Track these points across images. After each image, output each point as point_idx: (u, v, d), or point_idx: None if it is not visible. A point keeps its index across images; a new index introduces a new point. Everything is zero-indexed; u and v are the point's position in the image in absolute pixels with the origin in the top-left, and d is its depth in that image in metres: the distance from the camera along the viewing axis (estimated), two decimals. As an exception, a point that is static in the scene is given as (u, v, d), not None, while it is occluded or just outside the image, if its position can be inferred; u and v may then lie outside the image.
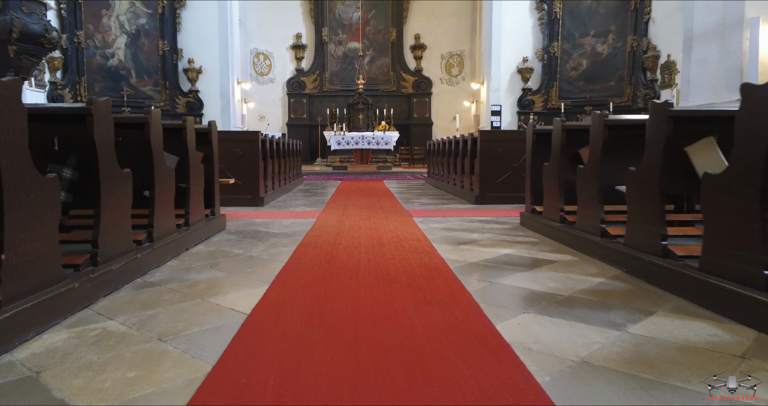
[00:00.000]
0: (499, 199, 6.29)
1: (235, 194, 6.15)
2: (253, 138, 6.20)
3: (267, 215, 5.31)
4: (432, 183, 9.86)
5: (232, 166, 6.16)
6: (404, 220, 4.85)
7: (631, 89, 13.64)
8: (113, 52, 13.39)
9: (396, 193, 8.08)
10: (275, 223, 4.75)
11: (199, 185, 3.82)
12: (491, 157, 6.30)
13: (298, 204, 6.48)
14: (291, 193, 8.07)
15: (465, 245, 3.59)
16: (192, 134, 3.68)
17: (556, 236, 3.69)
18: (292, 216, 5.26)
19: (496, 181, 6.32)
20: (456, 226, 4.51)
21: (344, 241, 3.72)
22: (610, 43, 14.02)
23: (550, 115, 14.34)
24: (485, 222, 4.74)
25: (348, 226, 4.47)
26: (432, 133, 21.02)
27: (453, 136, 8.11)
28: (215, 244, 3.65)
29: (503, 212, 5.53)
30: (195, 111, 14.45)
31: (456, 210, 5.75)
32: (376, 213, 5.39)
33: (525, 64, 15.04)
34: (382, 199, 6.93)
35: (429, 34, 21.30)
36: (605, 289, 2.45)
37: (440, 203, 6.58)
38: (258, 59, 20.62)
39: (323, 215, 5.29)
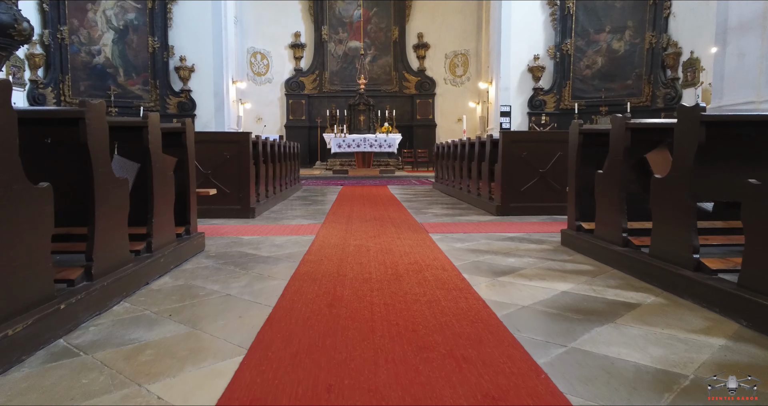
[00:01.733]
0: (523, 210, 5.51)
1: (221, 204, 5.37)
2: (242, 139, 5.42)
3: (257, 230, 4.52)
4: (441, 189, 9.08)
5: (219, 171, 5.38)
6: (420, 237, 4.06)
7: (649, 88, 12.87)
8: (99, 49, 12.61)
9: (403, 201, 7.29)
10: (266, 241, 3.96)
11: (166, 198, 3.03)
12: (515, 162, 5.52)
13: (294, 215, 5.70)
14: (287, 202, 7.28)
15: (504, 275, 2.81)
16: (157, 134, 2.90)
17: (620, 264, 2.90)
18: (286, 231, 4.47)
19: (521, 189, 5.54)
20: (484, 246, 3.72)
21: (350, 270, 2.93)
22: (627, 40, 13.25)
23: (562, 116, 13.60)
24: (517, 240, 3.95)
25: (354, 246, 3.69)
26: (436, 135, 20.27)
27: (467, 138, 7.34)
28: (186, 274, 2.86)
29: (533, 226, 4.75)
30: (187, 112, 13.67)
31: (476, 223, 4.96)
32: (385, 228, 4.60)
33: (536, 63, 14.27)
34: (389, 209, 6.15)
35: (432, 33, 20.57)
36: (739, 361, 1.67)
37: (456, 213, 5.80)
38: (255, 58, 19.87)
39: (323, 230, 4.50)
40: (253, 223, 5.04)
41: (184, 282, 2.68)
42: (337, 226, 4.73)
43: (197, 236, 3.49)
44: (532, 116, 14.31)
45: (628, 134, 2.97)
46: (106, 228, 2.29)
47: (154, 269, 2.72)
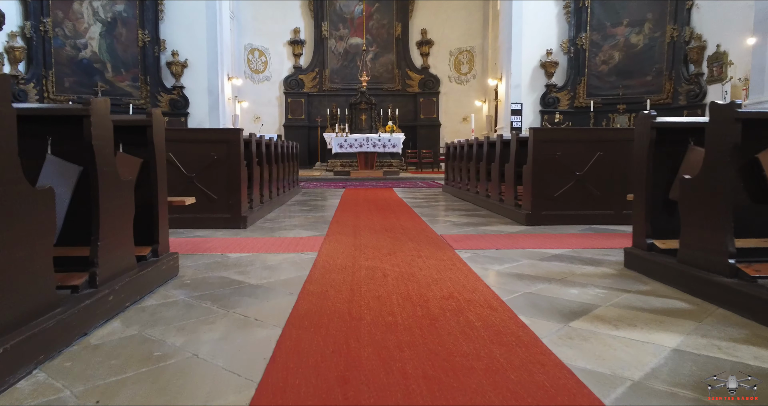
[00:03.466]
0: (558, 219, 4.77)
1: (207, 212, 4.62)
2: (232, 138, 4.67)
3: (248, 245, 3.77)
4: (453, 193, 8.34)
5: (205, 175, 4.64)
6: (445, 256, 3.32)
7: (670, 85, 12.12)
8: (86, 43, 11.84)
9: (414, 206, 6.55)
10: (257, 261, 3.21)
11: (121, 211, 2.29)
12: (547, 164, 4.78)
13: (292, 225, 4.95)
14: (285, 208, 6.53)
15: (576, 318, 2.07)
16: (104, 127, 2.15)
17: (729, 302, 2.16)
18: (283, 247, 3.73)
19: (554, 195, 4.79)
20: (529, 268, 2.98)
21: (366, 308, 2.19)
22: (646, 34, 12.50)
23: (577, 115, 12.86)
24: (567, 260, 3.21)
25: (366, 269, 2.94)
26: (440, 135, 19.55)
27: (485, 137, 6.59)
28: (145, 316, 2.12)
29: (576, 240, 4.00)
30: (180, 109, 12.92)
31: (507, 236, 4.22)
32: (400, 241, 3.86)
33: (549, 58, 13.51)
34: (400, 217, 5.40)
35: (436, 29, 19.86)
36: None
37: (478, 222, 5.06)
38: (252, 55, 19.15)
39: (327, 244, 3.76)
40: (244, 235, 4.29)
41: (137, 331, 1.93)
42: (342, 239, 3.98)
43: (168, 257, 2.74)
44: (544, 115, 13.55)
45: (737, 127, 2.22)
46: (17, 261, 1.54)
47: (97, 311, 1.97)
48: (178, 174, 4.60)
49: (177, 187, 4.59)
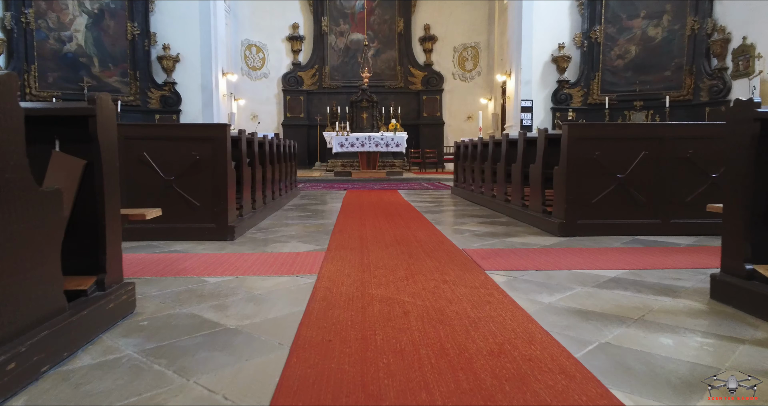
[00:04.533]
0: (596, 228, 4.11)
1: (189, 222, 3.96)
2: (218, 135, 4.00)
3: (232, 265, 3.11)
4: (464, 196, 7.68)
5: (186, 178, 3.97)
6: (477, 281, 2.66)
7: (691, 80, 11.44)
8: (71, 36, 11.15)
9: (425, 212, 5.89)
10: (241, 288, 2.55)
11: (39, 233, 1.62)
12: (583, 165, 4.12)
13: (288, 235, 4.29)
14: (281, 213, 5.87)
15: (701, 399, 1.40)
16: (7, 111, 1.48)
17: None
18: (275, 266, 3.06)
19: (591, 201, 4.13)
20: (589, 301, 2.32)
21: (385, 377, 1.53)
22: (664, 26, 11.82)
23: (591, 112, 12.19)
24: (632, 288, 2.54)
25: (380, 302, 2.28)
26: (444, 134, 18.89)
27: (504, 134, 5.93)
28: (63, 392, 1.45)
29: (626, 256, 3.34)
30: (171, 106, 12.23)
31: (542, 251, 3.56)
32: (417, 259, 3.19)
33: (561, 52, 12.81)
34: (411, 224, 4.74)
35: (440, 25, 19.19)
36: None
37: (501, 232, 4.40)
38: (250, 52, 18.48)
39: (329, 263, 3.09)
40: (231, 249, 3.62)
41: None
42: (347, 255, 3.32)
43: (119, 291, 2.07)
44: (556, 112, 12.86)
45: None
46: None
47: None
48: (154, 177, 3.95)
49: (153, 194, 3.94)
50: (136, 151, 3.94)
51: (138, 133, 4.00)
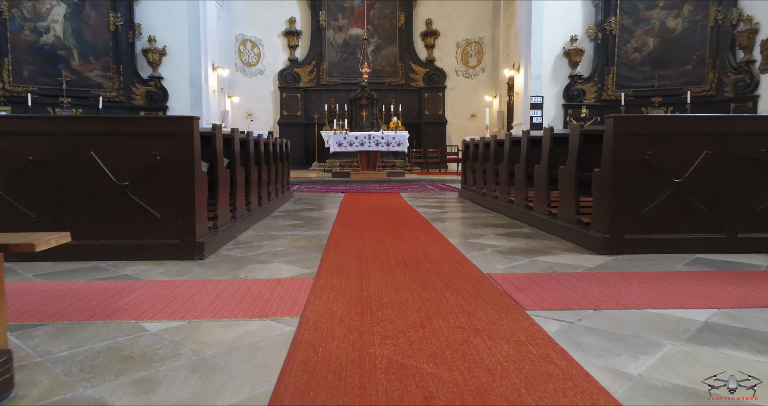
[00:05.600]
0: (647, 245, 3.36)
1: (148, 237, 3.22)
2: (182, 130, 3.24)
3: (188, 301, 2.35)
4: (474, 200, 6.92)
5: (144, 183, 3.22)
6: (521, 332, 1.91)
7: (714, 74, 10.67)
8: (48, 26, 10.37)
9: (432, 219, 5.14)
10: (186, 347, 1.80)
11: None
12: (631, 168, 3.37)
13: (271, 253, 3.53)
14: (268, 222, 5.11)
15: None
16: None
17: None
18: (243, 304, 2.30)
19: (641, 211, 3.38)
20: (697, 371, 1.57)
21: None
22: (685, 17, 11.05)
23: (606, 109, 11.41)
24: (746, 343, 1.79)
25: (386, 377, 1.53)
26: (446, 133, 18.16)
27: (524, 132, 5.17)
28: None
29: (703, 286, 2.58)
30: (158, 103, 11.45)
31: (590, 277, 2.80)
32: (433, 291, 2.44)
33: (573, 45, 12.03)
34: (419, 237, 3.99)
35: (442, 19, 18.44)
36: None
37: (529, 248, 3.64)
38: (245, 47, 17.72)
39: (317, 300, 2.34)
40: (195, 274, 2.87)
41: None
42: (341, 285, 2.57)
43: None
44: (568, 109, 12.08)
45: None
46: None
47: None
48: (104, 183, 3.20)
49: (104, 203, 3.20)
50: (81, 151, 3.19)
51: (83, 127, 3.24)
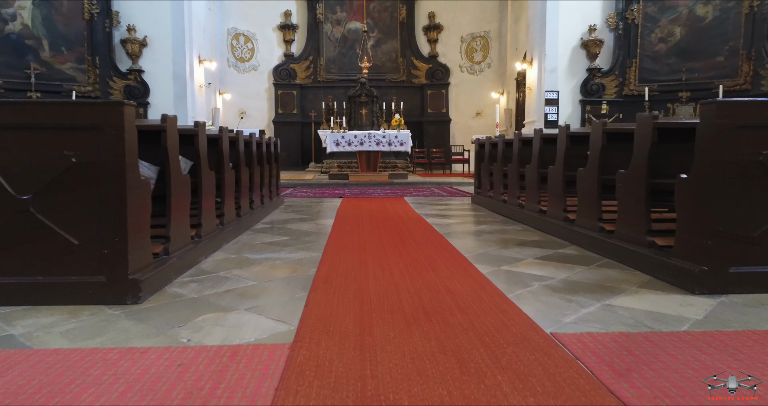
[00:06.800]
0: (762, 281, 2.41)
1: (60, 273, 2.27)
2: (108, 121, 2.28)
3: (75, 402, 1.39)
4: (493, 208, 5.98)
5: (55, 197, 2.27)
6: None
7: (749, 67, 9.75)
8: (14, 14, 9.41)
9: (448, 234, 4.19)
10: None
11: None
12: (733, 175, 2.42)
13: (239, 291, 2.56)
14: (246, 237, 4.13)
15: None
16: None
17: None
18: (166, 408, 1.35)
19: (753, 234, 2.43)
20: None
21: None
22: (716, 4, 10.12)
23: (627, 105, 10.50)
24: None
25: None
26: (450, 131, 17.25)
27: (564, 126, 4.22)
28: None
29: None
30: (138, 98, 10.49)
31: (702, 336, 1.86)
32: (482, 380, 1.48)
33: (592, 36, 11.09)
34: (436, 262, 3.03)
35: (446, 12, 17.52)
36: None
37: (588, 282, 2.69)
38: (237, 42, 16.79)
39: (292, 399, 1.38)
40: (111, 336, 1.91)
41: None
42: (331, 368, 1.61)
43: None
44: (587, 105, 11.15)
45: None
46: None
47: None
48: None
49: (-5, 223, 2.24)
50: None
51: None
